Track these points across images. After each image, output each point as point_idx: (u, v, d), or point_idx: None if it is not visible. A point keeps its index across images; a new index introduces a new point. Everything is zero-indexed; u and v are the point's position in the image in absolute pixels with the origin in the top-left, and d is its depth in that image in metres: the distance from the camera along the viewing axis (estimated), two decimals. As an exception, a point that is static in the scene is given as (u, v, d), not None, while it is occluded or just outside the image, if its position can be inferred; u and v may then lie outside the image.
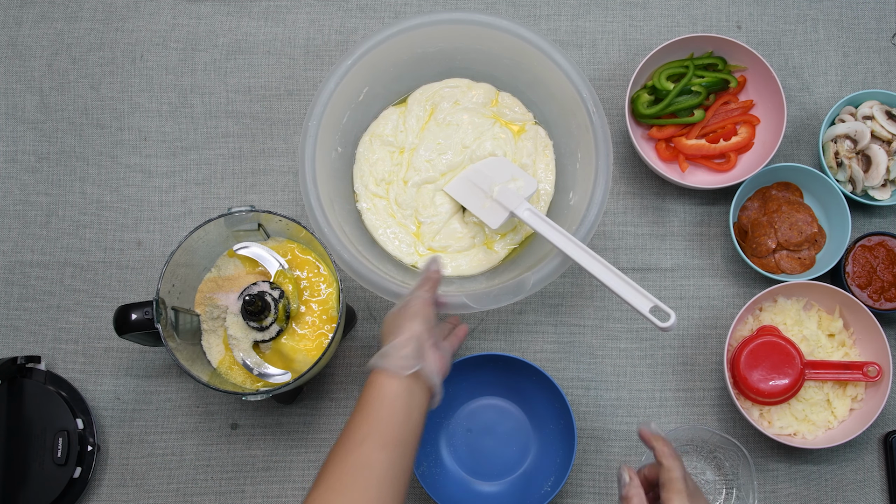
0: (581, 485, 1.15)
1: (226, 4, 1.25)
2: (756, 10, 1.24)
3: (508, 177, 1.10)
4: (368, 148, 1.15)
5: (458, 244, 1.13)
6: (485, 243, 1.14)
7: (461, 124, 1.15)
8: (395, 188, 1.14)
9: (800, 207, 1.15)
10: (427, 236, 1.14)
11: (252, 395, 1.01)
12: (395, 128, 1.15)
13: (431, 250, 1.13)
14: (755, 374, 1.09)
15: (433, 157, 1.14)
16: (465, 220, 1.14)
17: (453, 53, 1.13)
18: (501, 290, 1.01)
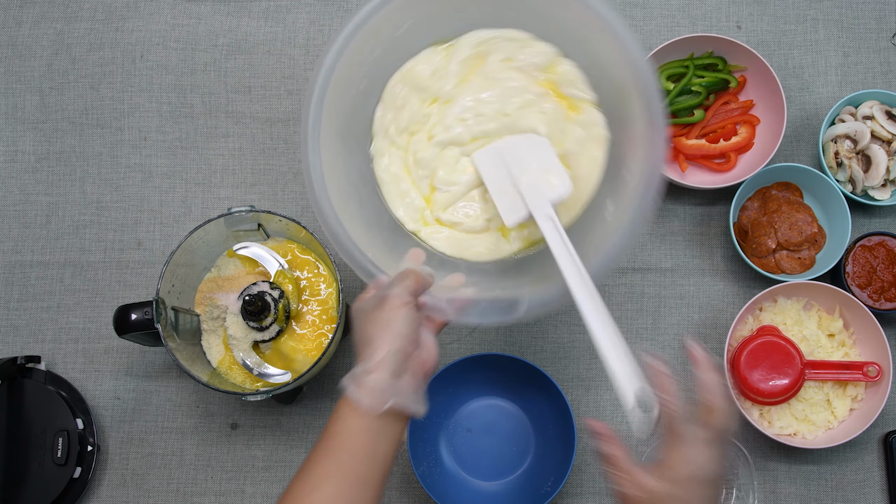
0: (581, 485, 1.15)
1: (226, 4, 1.25)
2: (756, 10, 1.24)
3: (543, 167, 0.91)
4: (398, 87, 0.97)
5: (471, 223, 0.96)
6: (500, 229, 0.96)
7: (509, 85, 0.96)
8: (416, 141, 0.96)
9: (800, 207, 1.15)
10: (438, 206, 0.96)
11: (252, 395, 1.01)
12: (434, 71, 0.97)
13: (439, 223, 0.96)
14: (755, 374, 1.09)
15: (468, 116, 0.95)
16: (486, 198, 0.96)
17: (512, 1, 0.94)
18: (491, 306, 0.85)
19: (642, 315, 1.18)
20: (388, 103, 0.96)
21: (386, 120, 0.96)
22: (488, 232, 0.96)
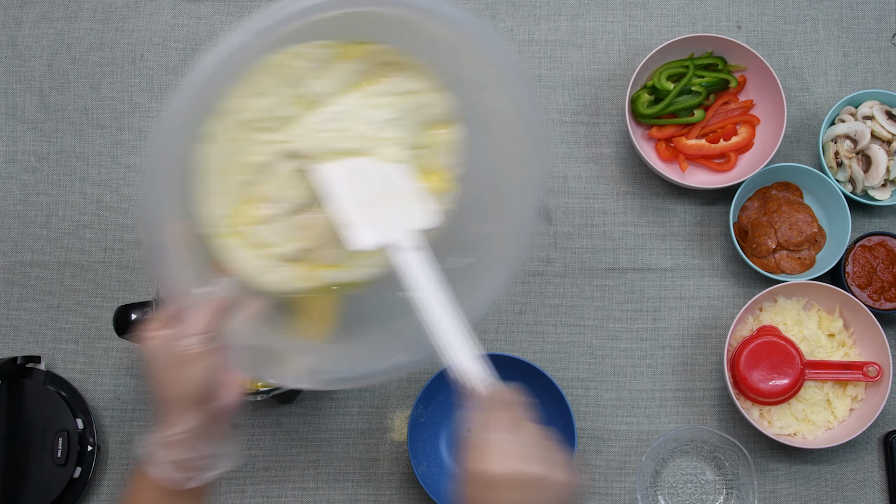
0: (581, 485, 1.15)
1: (226, 4, 1.25)
2: (756, 10, 1.24)
3: (406, 194, 0.79)
4: (265, 73, 0.78)
5: (283, 249, 0.80)
6: (309, 263, 0.82)
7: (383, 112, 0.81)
8: (257, 141, 0.79)
9: (800, 207, 1.15)
10: (248, 219, 0.79)
11: (252, 395, 1.01)
12: (313, 68, 0.79)
13: (241, 238, 0.79)
14: (755, 374, 1.09)
15: (331, 128, 0.79)
16: (306, 225, 0.80)
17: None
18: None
19: (642, 315, 1.18)
20: (248, 85, 0.78)
21: (236, 103, 0.78)
22: (290, 262, 0.81)
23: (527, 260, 1.19)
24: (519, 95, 0.79)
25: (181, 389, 0.71)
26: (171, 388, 0.71)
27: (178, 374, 0.71)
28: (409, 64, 0.81)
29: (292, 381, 0.80)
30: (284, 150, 0.79)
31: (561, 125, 1.22)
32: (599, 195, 1.21)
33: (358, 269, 0.82)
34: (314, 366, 0.78)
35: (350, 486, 1.15)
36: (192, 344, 0.70)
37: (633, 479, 1.14)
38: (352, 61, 0.80)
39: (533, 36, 1.24)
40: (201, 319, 0.71)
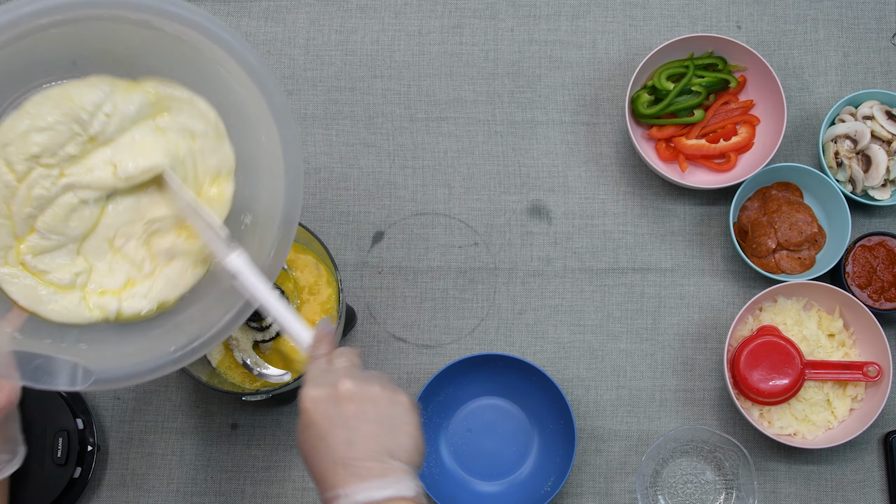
0: (581, 485, 1.15)
1: (226, 4, 1.25)
2: (756, 10, 1.25)
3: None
4: (48, 105, 0.78)
5: (59, 275, 0.82)
6: (83, 289, 0.84)
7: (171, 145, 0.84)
8: (42, 175, 0.79)
9: (800, 207, 1.15)
10: (31, 249, 0.81)
11: (252, 395, 1.01)
12: (102, 105, 0.80)
13: (24, 267, 0.81)
14: (755, 374, 1.09)
15: (125, 162, 0.82)
16: (83, 251, 0.83)
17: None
18: (46, 368, 0.78)
19: (642, 315, 1.18)
20: (29, 117, 0.78)
21: (16, 133, 0.78)
22: (73, 290, 0.83)
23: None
24: (263, 84, 0.81)
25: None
26: None
27: None
28: (186, 99, 0.83)
29: (65, 386, 0.80)
30: (72, 184, 0.80)
31: (561, 125, 1.22)
32: (599, 195, 1.21)
33: (136, 299, 0.84)
34: (84, 367, 0.80)
35: (350, 486, 1.15)
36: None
37: (633, 479, 1.14)
38: (134, 94, 0.82)
39: (533, 36, 1.24)
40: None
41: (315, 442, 0.72)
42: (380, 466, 0.70)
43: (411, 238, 1.20)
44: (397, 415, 0.73)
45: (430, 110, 1.23)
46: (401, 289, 1.19)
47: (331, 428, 0.71)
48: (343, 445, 0.71)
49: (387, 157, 1.22)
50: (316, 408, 0.72)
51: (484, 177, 1.21)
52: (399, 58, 1.24)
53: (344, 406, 0.72)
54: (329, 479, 0.71)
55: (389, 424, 0.72)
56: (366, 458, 0.70)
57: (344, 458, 0.70)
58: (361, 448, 0.71)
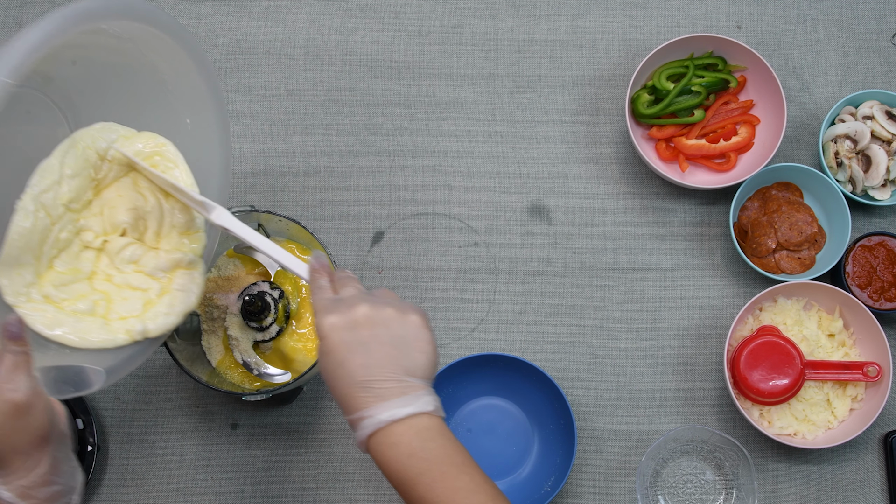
0: (581, 485, 1.15)
1: (226, 4, 1.25)
2: (756, 10, 1.25)
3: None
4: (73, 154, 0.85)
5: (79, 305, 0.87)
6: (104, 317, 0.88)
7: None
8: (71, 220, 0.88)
9: (800, 207, 1.15)
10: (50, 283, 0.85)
11: (252, 395, 1.01)
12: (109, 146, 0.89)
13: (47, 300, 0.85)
14: (755, 374, 1.09)
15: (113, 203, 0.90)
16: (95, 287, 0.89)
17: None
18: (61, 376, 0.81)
19: (642, 315, 1.18)
20: (60, 165, 0.85)
21: (51, 180, 0.84)
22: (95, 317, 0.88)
23: (529, 262, 1.19)
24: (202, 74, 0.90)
25: (29, 435, 0.72)
26: (18, 438, 0.71)
27: (22, 423, 0.71)
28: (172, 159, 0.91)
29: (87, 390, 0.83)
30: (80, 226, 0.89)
31: (561, 125, 1.22)
32: (599, 195, 1.21)
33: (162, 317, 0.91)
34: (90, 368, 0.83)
35: (350, 486, 1.15)
36: (23, 389, 0.71)
37: (633, 479, 1.14)
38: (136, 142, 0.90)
39: (533, 36, 1.24)
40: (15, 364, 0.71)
41: (335, 368, 0.74)
42: (398, 385, 0.73)
43: (411, 238, 1.20)
44: (409, 333, 0.76)
45: (430, 110, 1.23)
46: (401, 289, 1.19)
47: (348, 354, 0.74)
48: (361, 369, 0.73)
49: (387, 157, 1.22)
50: (333, 335, 0.75)
51: (484, 177, 1.21)
52: (399, 58, 1.24)
53: (359, 331, 0.74)
54: (351, 402, 0.74)
55: (403, 344, 0.75)
56: (384, 379, 0.73)
57: (363, 381, 0.73)
58: (378, 370, 0.73)
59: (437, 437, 0.73)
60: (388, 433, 0.72)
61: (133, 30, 0.82)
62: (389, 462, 0.73)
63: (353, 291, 0.78)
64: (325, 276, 0.80)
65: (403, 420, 0.73)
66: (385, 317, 0.76)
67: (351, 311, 0.75)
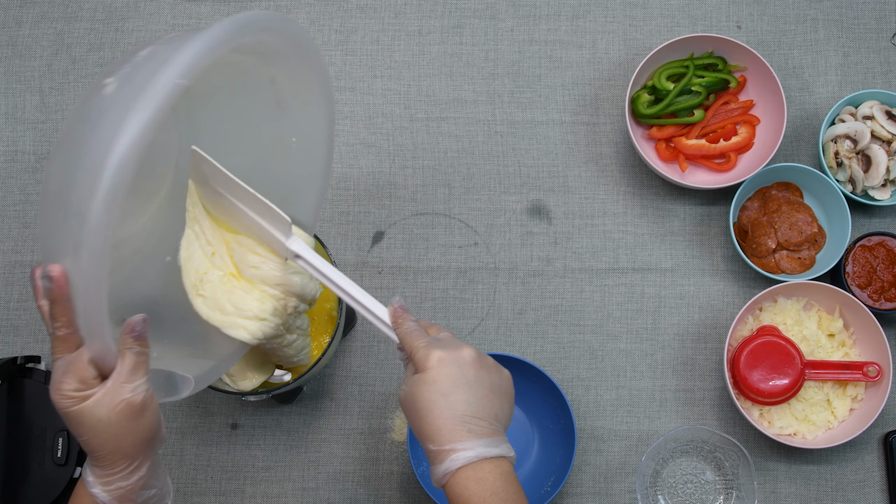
0: (581, 485, 1.15)
1: (226, 4, 1.25)
2: (756, 10, 1.25)
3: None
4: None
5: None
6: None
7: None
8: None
9: (800, 207, 1.15)
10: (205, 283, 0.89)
11: (252, 395, 1.01)
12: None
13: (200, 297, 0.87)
14: (755, 374, 1.09)
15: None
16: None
17: None
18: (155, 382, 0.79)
19: (642, 315, 1.18)
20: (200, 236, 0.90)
21: (199, 258, 0.89)
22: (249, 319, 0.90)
23: (529, 262, 1.19)
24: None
25: (139, 437, 0.72)
26: (128, 440, 0.72)
27: (135, 424, 0.72)
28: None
29: (179, 395, 0.83)
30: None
31: (561, 125, 1.22)
32: (599, 195, 1.21)
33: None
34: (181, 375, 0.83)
35: (350, 486, 1.15)
36: (142, 390, 0.72)
37: (633, 479, 1.14)
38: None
39: (533, 36, 1.24)
40: (137, 365, 0.72)
41: (438, 398, 0.76)
42: (490, 427, 0.77)
43: (411, 238, 1.20)
44: (504, 384, 0.81)
45: (430, 110, 1.23)
46: (401, 289, 1.19)
47: (454, 388, 0.77)
48: (464, 404, 0.76)
49: (387, 157, 1.22)
50: (442, 367, 0.77)
51: (484, 177, 1.21)
52: (399, 58, 1.24)
53: (466, 370, 0.78)
54: (446, 433, 0.76)
55: (499, 391, 0.79)
56: (481, 419, 0.76)
57: (463, 416, 0.76)
58: (479, 409, 0.77)
59: (514, 483, 0.77)
60: (477, 468, 0.75)
61: (271, 43, 0.80)
62: (472, 496, 0.75)
63: (448, 335, 0.82)
64: (411, 318, 0.83)
65: (491, 459, 0.75)
66: (487, 363, 0.80)
67: (458, 351, 0.79)
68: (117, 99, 0.67)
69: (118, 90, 0.68)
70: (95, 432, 0.70)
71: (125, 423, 0.71)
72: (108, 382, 0.70)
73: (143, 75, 0.66)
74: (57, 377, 0.70)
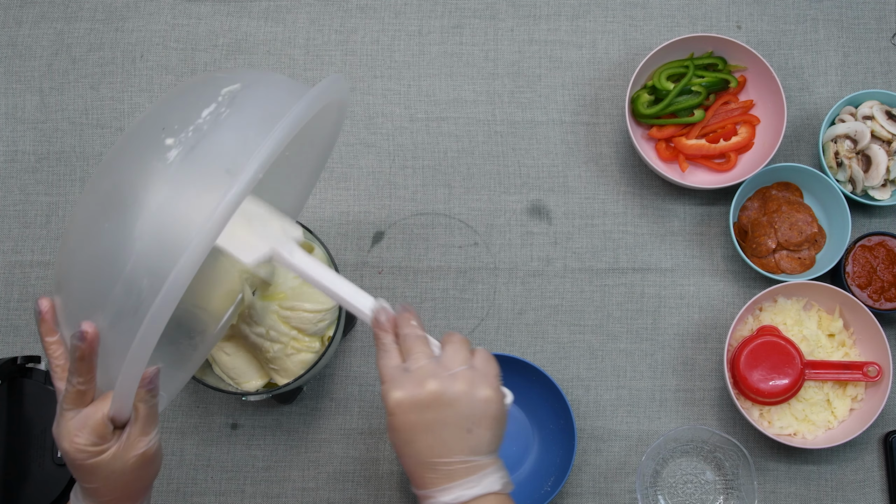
0: (581, 485, 1.15)
1: (226, 4, 1.25)
2: (756, 10, 1.25)
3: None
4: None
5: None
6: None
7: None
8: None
9: (800, 207, 1.15)
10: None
11: (252, 395, 1.01)
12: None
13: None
14: (755, 374, 1.09)
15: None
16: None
17: None
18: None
19: (642, 315, 1.18)
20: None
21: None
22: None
23: (529, 262, 1.19)
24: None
25: (146, 482, 0.74)
26: (136, 486, 0.73)
27: (145, 473, 0.73)
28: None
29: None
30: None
31: (561, 125, 1.22)
32: (599, 195, 1.21)
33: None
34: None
35: (350, 486, 1.15)
36: (155, 441, 0.73)
37: (633, 479, 1.14)
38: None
39: (533, 36, 1.24)
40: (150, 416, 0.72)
41: (402, 446, 0.75)
42: (465, 467, 0.73)
43: (411, 238, 1.20)
44: (477, 412, 0.74)
45: (430, 110, 1.23)
46: (401, 289, 1.19)
47: (414, 434, 0.73)
48: (427, 450, 0.73)
49: (387, 157, 1.22)
50: (400, 414, 0.74)
51: (484, 177, 1.21)
52: (399, 58, 1.24)
53: (426, 413, 0.73)
54: (418, 480, 0.74)
55: (470, 424, 0.74)
56: (450, 461, 0.73)
57: (429, 463, 0.73)
58: (446, 451, 0.73)
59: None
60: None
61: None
62: None
63: (423, 361, 0.75)
64: (391, 333, 0.77)
65: (469, 501, 0.72)
66: (453, 395, 0.73)
67: (419, 388, 0.73)
68: (185, 175, 0.65)
69: (184, 162, 0.66)
70: (107, 482, 0.72)
71: (137, 472, 0.72)
72: (123, 436, 0.71)
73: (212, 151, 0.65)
74: (71, 430, 0.70)
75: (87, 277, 0.68)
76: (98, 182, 0.70)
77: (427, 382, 0.74)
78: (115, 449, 0.71)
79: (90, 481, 0.72)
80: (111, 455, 0.71)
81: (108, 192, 0.68)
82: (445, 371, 0.75)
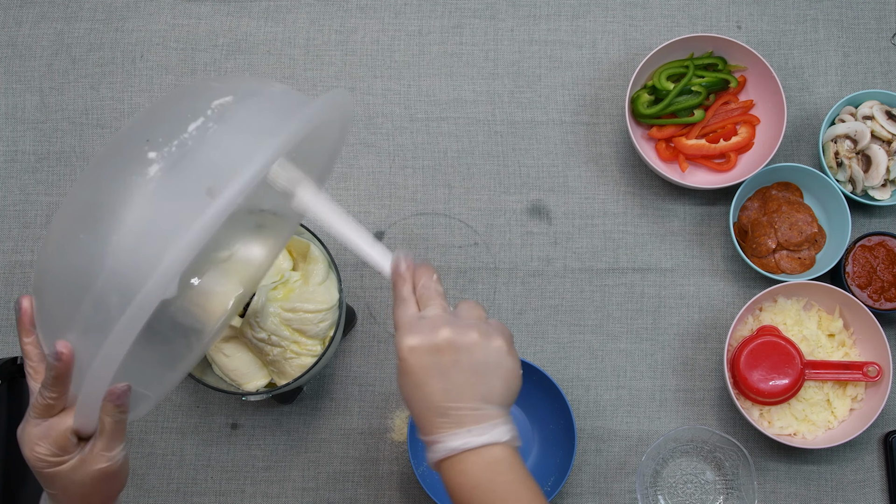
0: (581, 485, 1.15)
1: (226, 4, 1.25)
2: (756, 10, 1.25)
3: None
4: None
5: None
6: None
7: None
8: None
9: (800, 207, 1.15)
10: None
11: (252, 395, 1.01)
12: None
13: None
14: (755, 374, 1.09)
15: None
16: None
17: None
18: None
19: (642, 315, 1.18)
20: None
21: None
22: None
23: (528, 262, 1.19)
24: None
25: (109, 496, 0.74)
26: (98, 499, 0.73)
27: (107, 487, 0.72)
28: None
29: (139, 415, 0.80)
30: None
31: (561, 125, 1.22)
32: (599, 195, 1.21)
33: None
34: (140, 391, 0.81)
35: (350, 486, 1.15)
36: (119, 457, 0.72)
37: (633, 479, 1.14)
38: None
39: (533, 36, 1.24)
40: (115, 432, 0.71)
41: (412, 390, 0.73)
42: (475, 413, 0.72)
43: (411, 238, 1.20)
44: (492, 360, 0.74)
45: (430, 110, 1.23)
46: (401, 289, 1.19)
47: (427, 378, 0.72)
48: (439, 394, 0.72)
49: (387, 157, 1.22)
50: (412, 357, 0.73)
51: (484, 177, 1.21)
52: (399, 58, 1.24)
53: (440, 356, 0.73)
54: (427, 425, 0.73)
55: (483, 371, 0.73)
56: (461, 406, 0.72)
57: (440, 407, 0.72)
58: (457, 396, 0.72)
59: (506, 472, 0.72)
60: (458, 461, 0.72)
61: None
62: (455, 489, 0.72)
63: (438, 310, 0.75)
64: (409, 284, 0.77)
65: (476, 450, 0.72)
66: (468, 342, 0.73)
67: (433, 334, 0.73)
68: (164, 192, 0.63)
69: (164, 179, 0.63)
70: (66, 492, 0.71)
71: (98, 485, 0.71)
72: (85, 448, 0.71)
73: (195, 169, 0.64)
74: (34, 437, 0.70)
75: (61, 287, 0.67)
76: (78, 191, 0.69)
77: (442, 329, 0.73)
78: (76, 461, 0.70)
79: (50, 487, 0.72)
80: (70, 467, 0.70)
81: (87, 202, 0.67)
82: (461, 321, 0.74)
